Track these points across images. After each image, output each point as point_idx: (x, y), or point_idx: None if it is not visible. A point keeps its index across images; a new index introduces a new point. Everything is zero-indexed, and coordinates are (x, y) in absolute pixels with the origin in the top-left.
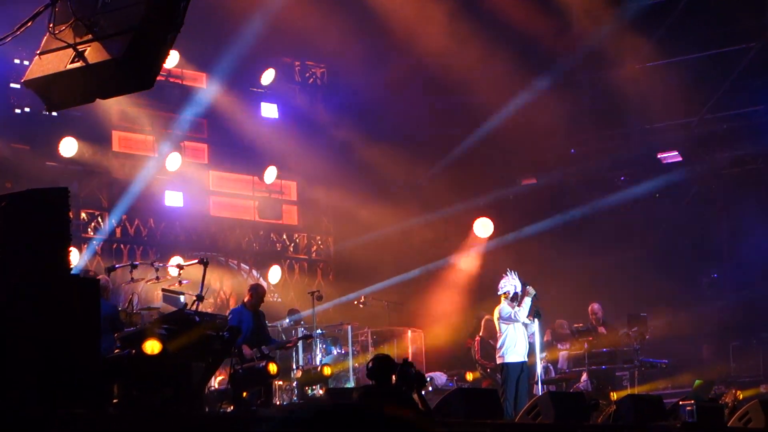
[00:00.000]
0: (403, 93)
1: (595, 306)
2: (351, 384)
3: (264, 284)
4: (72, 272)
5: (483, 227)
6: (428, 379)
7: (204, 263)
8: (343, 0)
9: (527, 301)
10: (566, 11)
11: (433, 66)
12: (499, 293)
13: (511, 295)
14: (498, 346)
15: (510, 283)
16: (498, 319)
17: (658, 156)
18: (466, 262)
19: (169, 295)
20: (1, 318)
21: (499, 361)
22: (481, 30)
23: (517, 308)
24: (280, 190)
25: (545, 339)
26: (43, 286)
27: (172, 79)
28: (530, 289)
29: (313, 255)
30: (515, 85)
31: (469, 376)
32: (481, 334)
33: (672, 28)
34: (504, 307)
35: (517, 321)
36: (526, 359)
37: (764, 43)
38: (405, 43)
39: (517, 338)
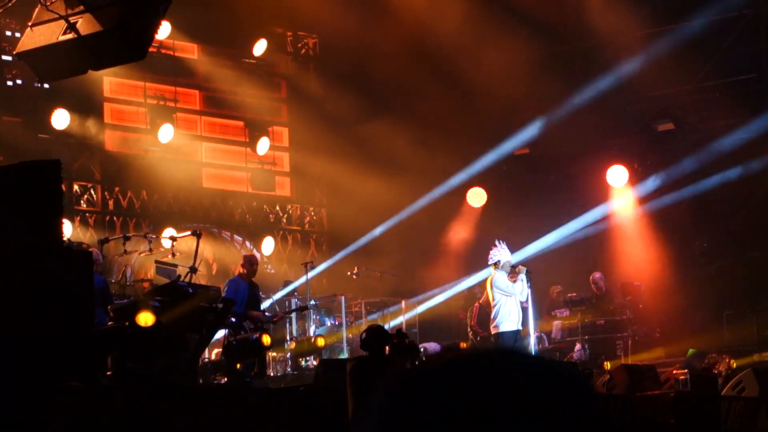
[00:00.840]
0: (397, 63)
1: (597, 275)
2: (345, 355)
3: (257, 255)
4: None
5: (476, 197)
6: (421, 349)
7: (197, 235)
8: None
9: (521, 279)
10: None
11: (428, 34)
12: (489, 263)
13: (501, 265)
14: (492, 315)
15: (499, 253)
16: (492, 288)
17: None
18: (459, 232)
19: (163, 267)
20: None
21: (493, 331)
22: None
23: (512, 285)
24: (273, 161)
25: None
26: (35, 258)
27: (164, 50)
28: (521, 268)
29: (306, 226)
30: (511, 53)
31: (463, 346)
32: (481, 301)
33: None
34: (498, 277)
35: (513, 294)
36: (521, 328)
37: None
38: (399, 12)
39: (511, 308)
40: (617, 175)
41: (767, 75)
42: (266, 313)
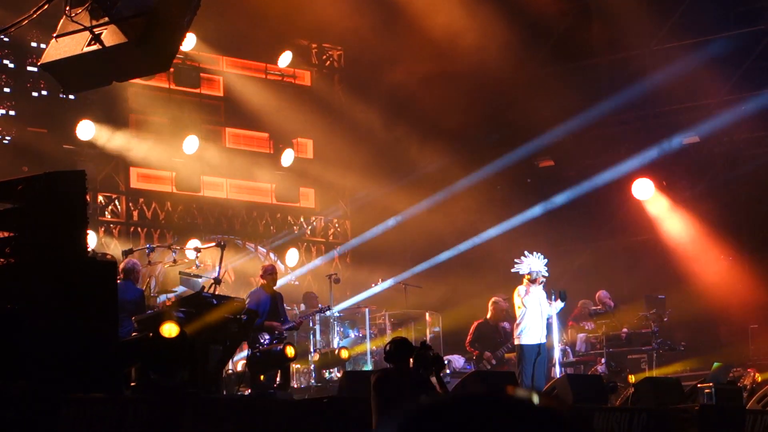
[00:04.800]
0: (421, 75)
1: (602, 293)
2: (368, 367)
3: (281, 266)
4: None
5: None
6: (446, 361)
7: (221, 246)
8: None
9: (557, 306)
10: None
11: (454, 49)
12: (520, 273)
13: (532, 277)
14: (516, 327)
15: (528, 263)
16: (516, 300)
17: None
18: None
19: (187, 278)
20: (19, 301)
21: (516, 342)
22: (498, 7)
23: (526, 299)
24: (298, 173)
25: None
26: (60, 269)
27: (189, 62)
28: (563, 298)
29: (330, 238)
30: (534, 67)
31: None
32: (487, 316)
33: None
34: (519, 289)
35: (526, 308)
36: (544, 341)
37: None
38: (423, 24)
39: (532, 321)
40: (643, 187)
41: None
42: (284, 325)
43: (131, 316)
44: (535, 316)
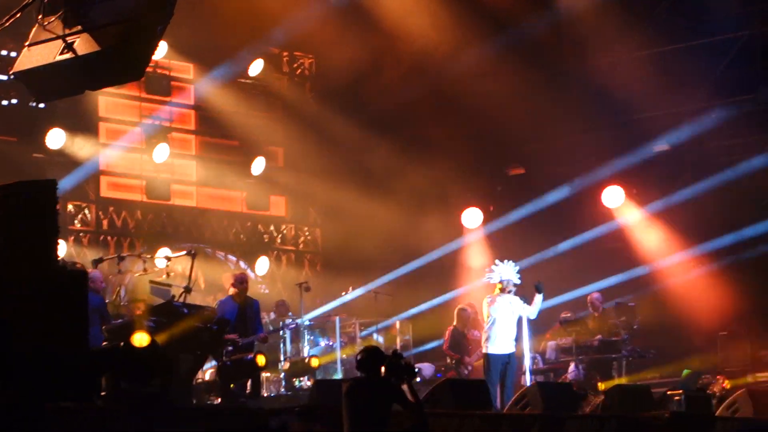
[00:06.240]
0: (393, 83)
1: (595, 295)
2: (339, 375)
3: (252, 275)
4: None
5: (471, 217)
6: (417, 370)
7: (192, 255)
8: None
9: (510, 302)
10: None
11: (426, 58)
12: (491, 283)
13: (503, 286)
14: (484, 336)
15: (498, 272)
16: (488, 308)
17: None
18: (474, 259)
19: (157, 288)
20: None
21: (483, 351)
22: (470, 18)
23: (493, 308)
24: (269, 181)
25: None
26: (30, 278)
27: (160, 70)
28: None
29: (301, 246)
30: (506, 74)
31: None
32: (454, 323)
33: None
34: (488, 299)
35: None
36: (513, 351)
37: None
38: (395, 33)
39: (502, 330)
40: (613, 195)
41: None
42: (242, 339)
43: (95, 326)
44: (503, 326)
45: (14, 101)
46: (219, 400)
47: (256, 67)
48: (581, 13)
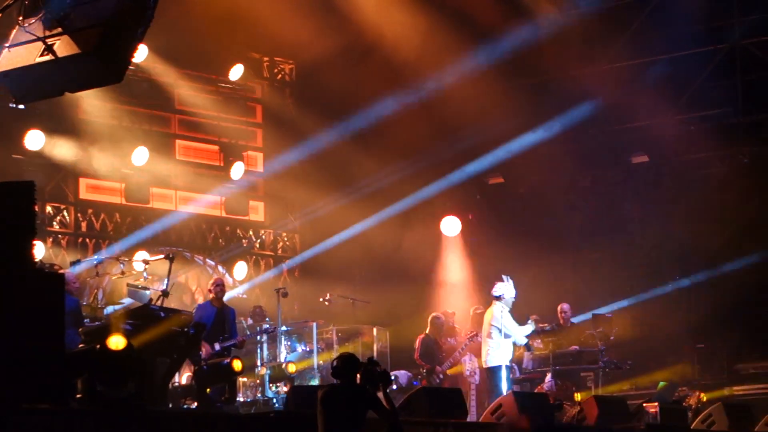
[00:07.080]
0: (372, 89)
1: (565, 306)
2: (315, 381)
3: (229, 280)
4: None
5: (450, 226)
6: (393, 377)
7: (170, 259)
8: None
9: (528, 328)
10: None
11: (407, 66)
12: (494, 295)
13: (505, 300)
14: (486, 350)
15: (505, 287)
16: (492, 322)
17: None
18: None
19: (135, 290)
20: None
21: (486, 365)
22: (452, 28)
23: (518, 328)
24: (248, 186)
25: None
26: (7, 279)
27: (140, 74)
28: (532, 322)
29: (279, 252)
30: (485, 84)
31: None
32: (427, 331)
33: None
34: (505, 315)
35: (509, 338)
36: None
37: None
38: (374, 40)
39: (509, 347)
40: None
41: (741, 109)
42: (229, 342)
43: (69, 328)
44: (509, 343)
45: None
46: (195, 404)
47: (236, 72)
48: (561, 25)
